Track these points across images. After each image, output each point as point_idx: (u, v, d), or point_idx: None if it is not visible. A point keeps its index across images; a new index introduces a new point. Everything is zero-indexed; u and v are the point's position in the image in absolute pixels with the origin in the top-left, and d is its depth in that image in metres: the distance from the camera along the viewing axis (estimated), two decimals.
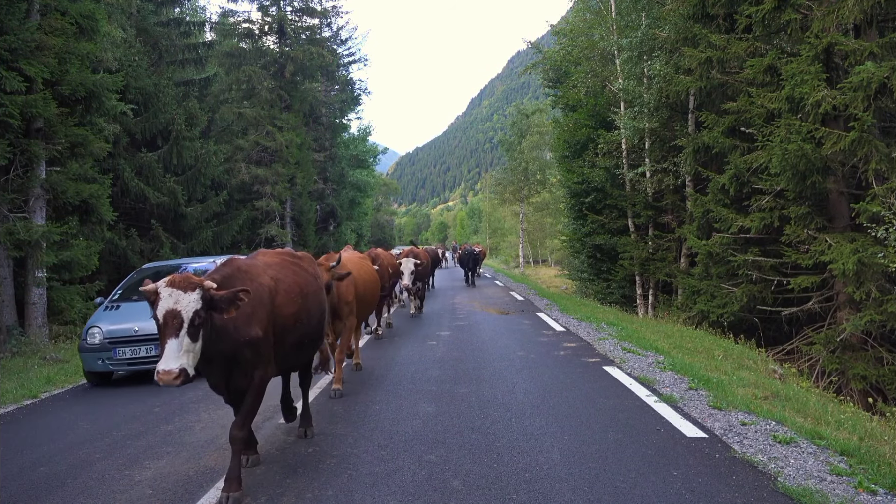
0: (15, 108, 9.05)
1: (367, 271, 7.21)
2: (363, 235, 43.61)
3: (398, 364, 7.69)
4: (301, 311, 4.13)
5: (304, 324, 4.18)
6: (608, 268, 18.55)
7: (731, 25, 11.17)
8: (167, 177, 16.06)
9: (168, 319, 3.03)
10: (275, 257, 4.33)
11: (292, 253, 4.70)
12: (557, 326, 10.76)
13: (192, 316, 3.05)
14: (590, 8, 20.61)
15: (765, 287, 10.60)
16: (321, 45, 25.14)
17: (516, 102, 46.24)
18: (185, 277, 3.16)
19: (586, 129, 19.41)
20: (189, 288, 3.10)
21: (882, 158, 8.20)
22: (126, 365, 7.11)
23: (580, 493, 3.61)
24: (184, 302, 3.05)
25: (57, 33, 10.07)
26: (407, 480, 3.87)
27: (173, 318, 3.02)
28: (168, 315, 3.03)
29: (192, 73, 20.14)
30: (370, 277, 7.28)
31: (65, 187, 10.37)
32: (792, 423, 4.90)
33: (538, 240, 50.95)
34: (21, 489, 4.07)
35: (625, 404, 5.51)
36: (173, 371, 2.95)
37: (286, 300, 3.97)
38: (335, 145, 31.99)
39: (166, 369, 2.94)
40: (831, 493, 3.56)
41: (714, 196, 11.72)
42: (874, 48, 8.21)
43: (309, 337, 4.36)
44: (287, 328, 3.96)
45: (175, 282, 3.11)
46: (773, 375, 7.83)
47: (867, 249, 8.28)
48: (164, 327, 3.05)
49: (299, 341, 4.19)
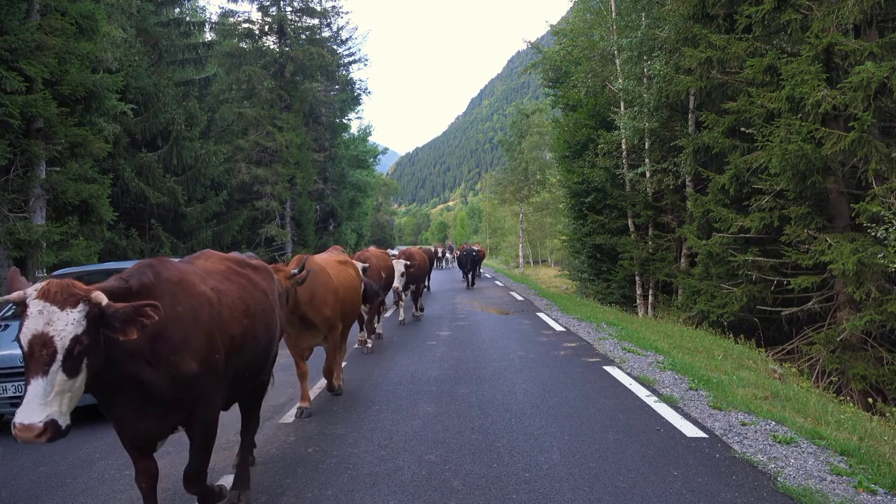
0: (15, 108, 9.04)
1: (344, 277, 6.11)
2: (363, 235, 43.59)
3: (398, 364, 7.69)
4: (246, 335, 3.20)
5: (245, 353, 3.22)
6: (608, 268, 18.55)
7: (731, 25, 11.17)
8: (167, 177, 16.06)
9: (35, 348, 2.12)
10: (219, 263, 3.44)
11: (243, 260, 3.72)
12: (557, 326, 10.76)
13: (71, 344, 2.15)
14: (590, 8, 20.62)
15: (765, 287, 10.60)
16: (321, 45, 25.13)
17: (516, 102, 46.25)
18: (65, 286, 2.22)
19: (586, 129, 19.41)
20: (68, 302, 2.18)
21: (882, 158, 8.20)
22: (9, 406, 5.24)
23: (580, 493, 3.61)
24: (59, 323, 2.14)
25: (57, 33, 10.06)
26: (407, 480, 3.87)
27: (42, 347, 2.12)
28: (35, 341, 2.12)
29: (192, 73, 20.14)
30: (349, 284, 6.16)
31: (65, 187, 10.37)
32: (792, 423, 4.90)
33: (538, 240, 50.96)
34: (21, 489, 4.07)
35: (625, 404, 5.51)
36: (35, 427, 2.07)
37: (229, 319, 3.06)
38: (335, 145, 31.98)
39: (25, 423, 2.06)
40: (831, 493, 3.56)
41: (714, 196, 11.72)
42: (874, 48, 8.21)
43: (251, 369, 3.41)
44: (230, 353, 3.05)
45: (49, 292, 2.18)
46: (773, 375, 7.83)
47: (867, 249, 8.28)
48: (28, 358, 2.14)
49: (237, 374, 3.21)
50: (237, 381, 3.26)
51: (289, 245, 22.98)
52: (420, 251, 13.95)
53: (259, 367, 3.55)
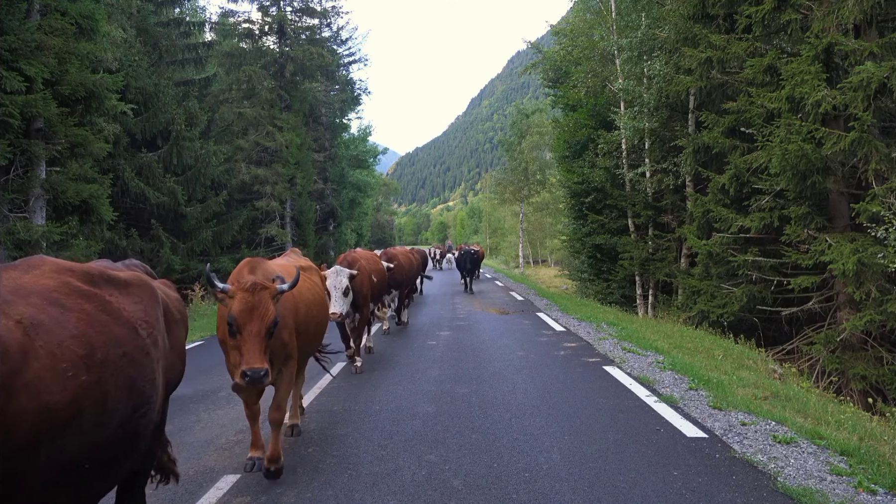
0: (15, 108, 9.04)
1: (307, 289, 4.66)
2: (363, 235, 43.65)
3: (398, 364, 7.69)
4: (81, 402, 1.91)
5: (86, 429, 1.93)
6: (608, 268, 18.55)
7: (731, 25, 11.17)
8: (167, 177, 16.06)
9: None
10: (49, 277, 2.14)
11: (101, 273, 2.38)
12: (557, 326, 10.77)
13: None
14: (590, 8, 20.63)
15: (765, 287, 10.61)
16: (321, 45, 25.13)
17: (516, 102, 46.25)
18: None
19: (586, 129, 19.41)
20: None
21: (882, 158, 8.20)
22: None
23: (580, 493, 3.61)
24: None
25: (57, 33, 10.07)
26: (407, 480, 3.87)
27: None
28: None
29: (192, 73, 20.13)
30: (313, 298, 4.73)
31: (65, 187, 10.37)
32: (792, 423, 4.90)
33: (538, 240, 50.92)
34: None
35: (625, 404, 5.51)
36: None
37: (48, 377, 1.82)
38: (335, 145, 31.99)
39: None
40: (831, 493, 3.56)
41: (714, 196, 11.72)
42: (874, 48, 8.21)
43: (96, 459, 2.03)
44: (42, 437, 1.77)
45: None
46: (773, 375, 7.84)
47: (867, 249, 8.28)
48: None
49: (74, 463, 1.91)
50: (77, 472, 1.95)
51: (289, 245, 22.98)
52: (406, 252, 12.05)
53: (121, 450, 2.18)
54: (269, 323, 3.48)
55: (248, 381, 3.33)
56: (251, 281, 3.54)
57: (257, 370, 3.34)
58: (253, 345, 3.40)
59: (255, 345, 3.40)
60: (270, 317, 3.50)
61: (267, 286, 3.56)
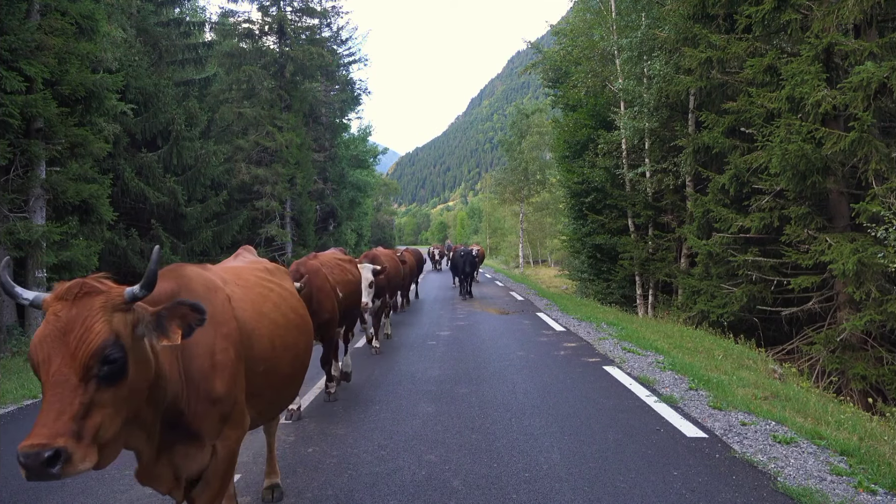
0: (15, 108, 9.04)
1: (272, 307, 2.92)
2: (363, 235, 43.60)
3: (398, 364, 7.69)
4: None
5: None
6: (608, 268, 18.55)
7: (731, 25, 11.17)
8: (167, 177, 16.06)
9: None
10: None
11: None
12: (557, 326, 10.76)
13: None
14: (590, 8, 20.62)
15: (765, 287, 10.61)
16: (321, 45, 25.14)
17: (516, 102, 46.24)
18: None
19: (586, 129, 19.41)
20: None
21: (882, 158, 8.20)
22: None
23: (580, 493, 3.61)
24: None
25: (57, 33, 10.06)
26: (407, 480, 3.87)
27: None
28: None
29: (192, 73, 20.13)
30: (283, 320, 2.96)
31: (65, 187, 10.36)
32: (792, 423, 4.90)
33: (538, 240, 50.91)
34: (21, 489, 4.07)
35: (625, 404, 5.51)
36: None
37: None
38: (335, 145, 31.99)
39: None
40: (831, 493, 3.56)
41: (714, 196, 11.72)
42: (874, 48, 8.21)
43: None
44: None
45: None
46: (773, 375, 7.84)
47: (867, 249, 8.28)
48: None
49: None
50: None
51: (289, 245, 23.00)
52: (391, 254, 10.15)
53: None
54: (87, 356, 1.74)
55: (25, 470, 1.70)
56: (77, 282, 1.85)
57: (38, 451, 1.70)
58: (53, 399, 1.75)
59: (58, 400, 1.75)
60: (93, 345, 1.75)
61: (102, 289, 1.86)
